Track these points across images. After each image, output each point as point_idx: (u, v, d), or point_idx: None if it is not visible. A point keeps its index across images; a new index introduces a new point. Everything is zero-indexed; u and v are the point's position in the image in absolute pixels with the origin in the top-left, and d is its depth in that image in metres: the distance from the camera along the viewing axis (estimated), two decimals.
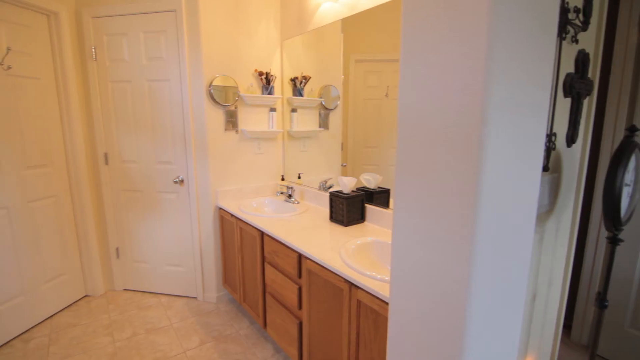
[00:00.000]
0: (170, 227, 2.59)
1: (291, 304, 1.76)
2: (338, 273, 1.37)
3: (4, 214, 2.11)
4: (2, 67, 2.06)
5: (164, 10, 2.28)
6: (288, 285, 1.75)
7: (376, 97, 1.96)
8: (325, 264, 1.43)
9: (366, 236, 1.71)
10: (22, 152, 2.19)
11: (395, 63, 1.84)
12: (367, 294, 1.26)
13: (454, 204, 0.74)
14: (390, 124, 1.90)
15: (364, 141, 2.07)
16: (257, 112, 2.58)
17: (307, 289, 1.61)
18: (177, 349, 2.09)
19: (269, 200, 2.54)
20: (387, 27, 1.82)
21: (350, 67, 2.10)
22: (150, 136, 2.48)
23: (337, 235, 1.76)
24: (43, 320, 2.38)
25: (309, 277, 1.59)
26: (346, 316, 1.38)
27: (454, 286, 0.76)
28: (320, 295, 1.53)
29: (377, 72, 1.95)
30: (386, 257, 1.59)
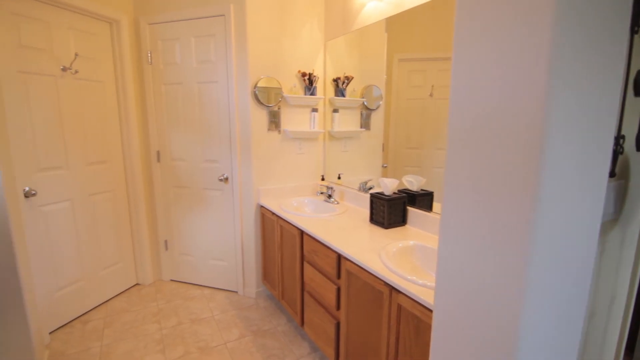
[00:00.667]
0: (214, 222, 2.71)
1: (329, 303, 1.76)
2: (378, 276, 1.36)
3: (68, 206, 2.31)
4: (71, 71, 2.26)
5: (214, 15, 2.38)
6: (327, 285, 1.76)
7: (420, 96, 1.91)
8: (366, 265, 1.42)
9: (408, 239, 1.67)
10: (85, 149, 2.39)
11: (441, 62, 1.78)
12: (409, 299, 1.23)
13: (511, 211, 0.70)
14: (434, 124, 1.84)
15: (406, 142, 2.02)
16: (299, 113, 2.61)
17: (345, 290, 1.61)
18: (218, 340, 2.17)
19: (308, 200, 2.56)
20: (433, 24, 1.77)
21: (393, 67, 2.06)
22: (199, 135, 2.61)
23: (377, 238, 1.73)
24: (99, 304, 2.58)
25: (348, 278, 1.59)
26: (385, 320, 1.36)
27: (506, 299, 0.72)
28: (359, 297, 1.52)
29: (421, 71, 1.90)
30: (429, 262, 1.54)
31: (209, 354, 2.05)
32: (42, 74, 2.10)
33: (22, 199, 2.01)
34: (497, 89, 0.70)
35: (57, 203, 2.23)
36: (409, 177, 1.97)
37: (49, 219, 2.19)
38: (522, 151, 0.66)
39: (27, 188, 2.04)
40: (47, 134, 2.15)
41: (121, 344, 2.14)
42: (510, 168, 0.69)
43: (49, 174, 2.17)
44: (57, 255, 2.25)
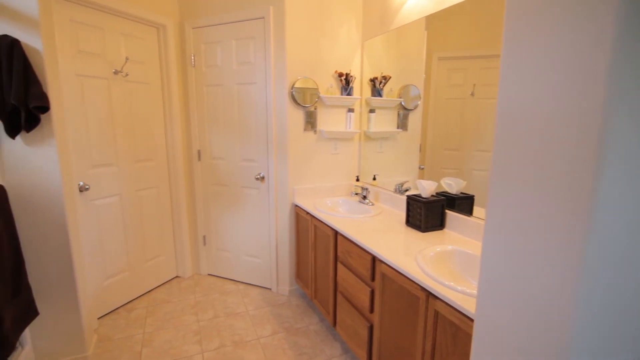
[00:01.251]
0: (250, 220, 2.77)
1: (362, 305, 1.74)
2: (415, 280, 1.32)
3: (117, 200, 2.46)
4: (122, 74, 2.41)
5: (254, 18, 2.44)
6: (360, 287, 1.74)
7: (460, 96, 1.84)
8: (402, 269, 1.39)
9: (446, 244, 1.62)
10: (133, 147, 2.54)
11: (484, 60, 1.70)
12: (447, 305, 1.19)
13: (565, 218, 0.65)
14: (475, 125, 1.77)
15: (445, 143, 1.96)
16: (335, 113, 2.62)
17: (379, 293, 1.59)
18: (252, 335, 2.22)
19: (343, 200, 2.56)
20: (475, 21, 1.70)
21: (432, 66, 2.01)
22: (237, 135, 2.69)
23: (413, 241, 1.70)
24: (142, 294, 2.73)
25: (382, 280, 1.56)
26: (421, 326, 1.32)
27: (557, 311, 0.68)
28: (394, 300, 1.49)
29: (462, 69, 1.83)
30: (468, 268, 1.48)
31: (243, 348, 2.10)
32: (97, 77, 2.26)
33: (77, 193, 2.17)
34: (552, 90, 0.66)
35: (107, 197, 2.39)
36: (448, 180, 1.91)
37: (100, 212, 2.35)
38: (579, 155, 0.62)
39: (81, 183, 2.20)
40: (100, 133, 2.30)
41: (162, 332, 2.25)
42: (566, 173, 0.64)
43: (101, 171, 2.33)
44: (106, 246, 2.41)
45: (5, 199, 1.62)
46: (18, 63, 1.54)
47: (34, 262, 1.79)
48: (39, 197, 1.74)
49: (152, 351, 2.07)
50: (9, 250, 1.60)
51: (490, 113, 1.68)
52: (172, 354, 2.05)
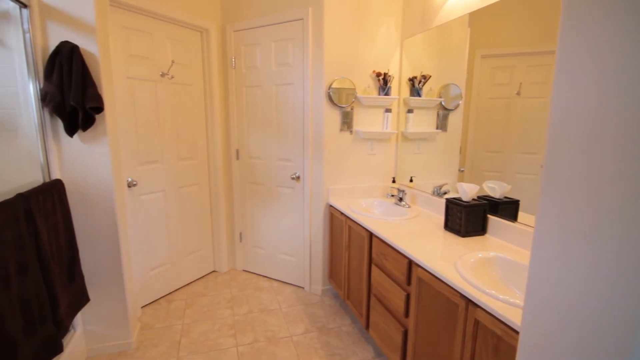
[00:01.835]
0: (285, 219, 2.81)
1: (397, 310, 1.71)
2: (454, 287, 1.28)
3: (161, 196, 2.59)
4: (168, 76, 2.53)
5: (293, 20, 2.47)
6: (395, 291, 1.71)
7: (504, 95, 1.75)
8: (440, 274, 1.35)
9: (487, 250, 1.55)
10: (177, 146, 2.66)
11: (531, 57, 1.61)
12: (488, 314, 1.13)
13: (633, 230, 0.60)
14: (520, 126, 1.67)
15: (487, 145, 1.87)
16: (372, 113, 2.59)
17: (415, 298, 1.55)
18: (284, 332, 2.25)
19: (378, 202, 2.52)
20: (523, 16, 1.61)
21: (475, 64, 1.93)
22: (274, 135, 2.73)
23: (452, 246, 1.64)
24: (182, 286, 2.86)
25: (419, 285, 1.52)
26: (460, 334, 1.27)
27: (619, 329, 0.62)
28: (431, 306, 1.45)
29: (507, 67, 1.74)
30: (512, 276, 1.41)
31: (276, 344, 2.14)
32: (145, 79, 2.39)
33: (125, 188, 2.31)
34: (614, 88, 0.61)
35: (152, 193, 2.52)
36: (490, 183, 1.82)
37: (146, 207, 2.48)
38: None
39: (129, 179, 2.34)
40: (148, 132, 2.44)
41: (199, 324, 2.34)
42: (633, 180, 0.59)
43: (147, 167, 2.46)
44: (151, 239, 2.54)
45: (63, 192, 1.76)
46: (77, 67, 1.67)
47: (87, 252, 1.92)
48: (93, 191, 1.87)
49: (190, 342, 2.16)
50: (66, 239, 1.73)
51: (538, 113, 1.59)
52: (208, 345, 2.12)
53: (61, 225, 1.69)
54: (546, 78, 1.55)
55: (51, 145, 1.76)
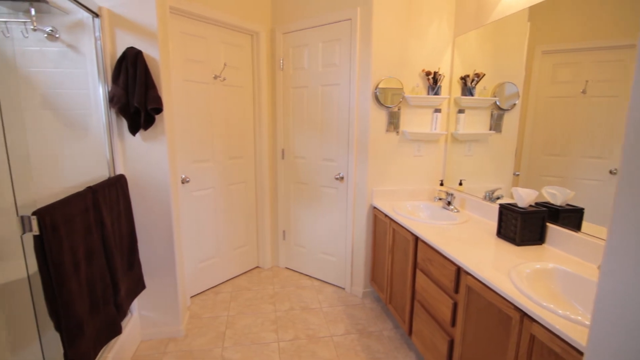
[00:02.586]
0: (327, 218, 2.82)
1: (443, 318, 1.64)
2: (508, 298, 1.20)
3: (211, 193, 2.72)
4: (220, 78, 2.65)
5: (341, 20, 2.47)
6: (441, 298, 1.64)
7: (568, 94, 1.61)
8: (492, 284, 1.27)
9: (545, 261, 1.43)
10: (227, 145, 2.78)
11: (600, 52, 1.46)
12: (546, 330, 1.05)
13: None
14: (585, 127, 1.53)
15: (546, 147, 1.74)
16: (420, 114, 2.51)
17: (463, 307, 1.47)
18: (325, 332, 2.26)
19: (424, 205, 2.44)
20: (591, 8, 1.47)
21: (534, 61, 1.79)
22: (319, 135, 2.75)
23: (505, 254, 1.54)
24: (227, 279, 2.97)
25: (467, 294, 1.45)
26: (513, 349, 1.19)
27: None
28: (481, 317, 1.37)
29: (571, 64, 1.60)
30: (573, 291, 1.29)
31: (316, 343, 2.15)
32: (200, 82, 2.52)
33: (180, 184, 2.45)
34: None
35: (203, 190, 2.65)
36: (551, 189, 1.69)
37: (197, 202, 2.62)
38: None
39: (183, 175, 2.48)
40: (201, 132, 2.57)
41: (243, 317, 2.42)
42: None
43: (199, 165, 2.59)
44: (201, 233, 2.68)
45: (125, 186, 1.91)
46: (140, 71, 1.80)
47: (144, 243, 2.07)
48: (151, 186, 2.01)
49: (234, 333, 2.24)
50: (127, 230, 1.88)
51: (606, 113, 1.44)
52: (251, 338, 2.19)
53: (123, 216, 1.84)
54: (618, 75, 1.40)
55: (116, 143, 1.91)
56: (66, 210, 1.32)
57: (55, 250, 1.23)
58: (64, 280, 1.27)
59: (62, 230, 1.28)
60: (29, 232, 1.18)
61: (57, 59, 1.85)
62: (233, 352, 2.07)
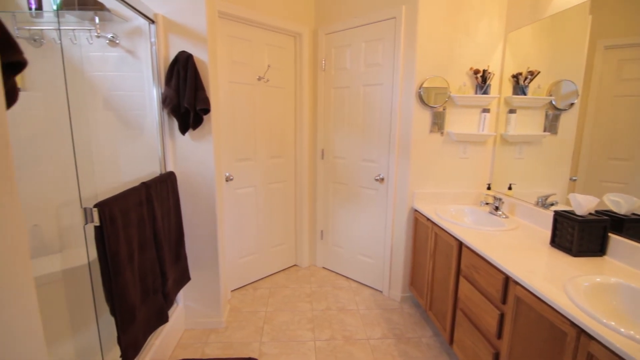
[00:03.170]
0: (366, 220, 2.79)
1: (487, 329, 1.56)
2: (563, 313, 1.11)
3: (252, 191, 2.79)
4: (263, 80, 2.71)
5: (385, 19, 2.43)
6: (487, 308, 1.56)
7: (635, 93, 1.47)
8: (545, 296, 1.19)
9: (606, 275, 1.31)
10: (269, 145, 2.84)
11: None
12: (607, 350, 0.96)
13: None
14: None
15: (609, 151, 1.59)
16: (467, 114, 2.40)
17: (511, 318, 1.39)
18: (361, 334, 2.23)
19: (469, 210, 2.33)
20: None
21: (596, 56, 1.65)
22: (359, 136, 2.73)
23: (559, 265, 1.43)
24: (266, 276, 3.04)
25: (516, 305, 1.36)
26: None
27: None
28: (531, 331, 1.28)
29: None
30: (638, 309, 1.17)
31: (352, 345, 2.13)
32: (244, 83, 2.60)
33: (224, 182, 2.54)
34: None
35: (246, 188, 2.73)
36: (614, 196, 1.54)
37: (240, 200, 2.70)
38: None
39: (227, 174, 2.57)
40: (244, 131, 2.65)
41: (280, 314, 2.46)
42: None
43: (242, 164, 2.68)
44: (242, 229, 2.76)
45: (175, 182, 2.02)
46: (191, 73, 1.89)
47: (190, 237, 2.17)
48: (198, 183, 2.11)
49: (272, 329, 2.28)
50: (175, 224, 1.98)
51: None
52: (288, 335, 2.22)
53: (172, 211, 1.94)
54: None
55: (167, 141, 2.03)
56: (123, 203, 1.42)
57: (112, 241, 1.33)
58: (120, 268, 1.37)
59: (119, 222, 1.37)
60: (90, 222, 1.29)
61: (117, 63, 1.99)
62: (271, 347, 2.11)
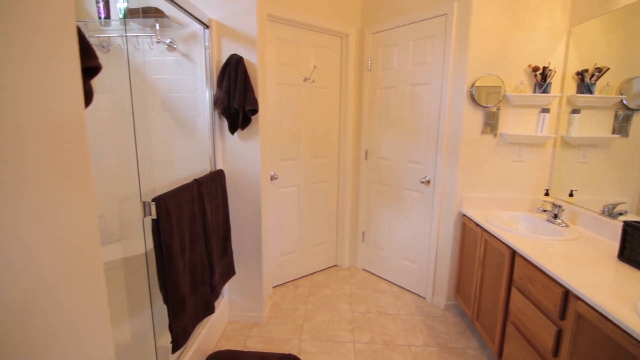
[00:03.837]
0: (410, 223, 2.72)
1: (543, 345, 1.45)
2: (632, 333, 1.00)
3: (295, 190, 2.84)
4: (309, 80, 2.74)
5: (435, 16, 2.35)
6: (542, 323, 1.45)
7: None
8: (612, 315, 1.08)
9: None
10: (312, 145, 2.87)
11: None
12: None
13: None
14: None
15: None
16: (524, 114, 2.25)
17: (570, 336, 1.28)
18: (402, 340, 2.18)
19: (524, 217, 2.19)
20: None
21: None
22: (405, 136, 2.67)
23: (629, 281, 1.29)
24: (306, 275, 3.07)
25: (577, 322, 1.25)
26: None
27: None
28: (593, 351, 1.17)
29: None
30: None
31: (393, 350, 2.09)
32: (291, 84, 2.65)
33: (269, 181, 2.61)
34: None
35: (289, 187, 2.78)
36: None
37: (283, 199, 2.76)
38: None
39: (272, 173, 2.64)
40: (289, 132, 2.70)
41: (320, 313, 2.48)
42: None
43: (287, 164, 2.73)
44: (285, 228, 2.81)
45: (223, 180, 2.10)
46: (241, 75, 1.96)
47: (235, 232, 2.25)
48: (244, 181, 2.18)
49: (312, 327, 2.30)
50: (223, 219, 2.07)
51: None
52: (328, 335, 2.22)
53: (220, 207, 2.03)
54: None
55: (218, 141, 2.12)
56: (177, 198, 1.51)
57: (167, 233, 1.41)
58: (173, 259, 1.45)
59: (173, 216, 1.46)
60: (148, 215, 1.38)
61: (174, 66, 2.12)
62: (310, 345, 2.13)
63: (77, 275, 0.79)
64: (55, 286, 0.73)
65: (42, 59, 0.69)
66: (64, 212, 0.75)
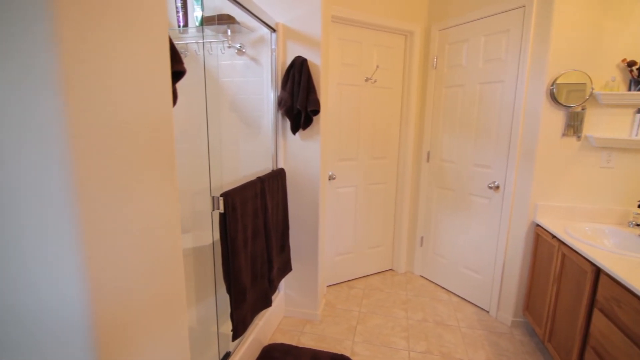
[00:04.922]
0: (475, 231, 2.56)
1: None
2: None
3: (353, 190, 2.83)
4: (371, 80, 2.71)
5: (511, 9, 2.18)
6: (631, 352, 1.27)
7: None
8: None
9: None
10: (372, 146, 2.83)
11: None
12: None
13: None
14: None
15: None
16: (615, 114, 1.99)
17: None
18: (462, 354, 2.06)
19: (611, 230, 1.93)
20: None
21: None
22: (472, 138, 2.52)
23: None
24: (361, 276, 3.04)
25: None
26: None
27: None
28: None
29: None
30: None
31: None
32: (352, 85, 2.64)
33: (327, 181, 2.63)
34: None
35: (347, 187, 2.78)
36: None
37: (340, 199, 2.76)
38: None
39: (330, 172, 2.66)
40: (348, 132, 2.70)
41: (373, 316, 2.44)
42: None
43: (345, 164, 2.73)
44: (341, 228, 2.82)
45: (284, 178, 2.17)
46: (304, 76, 2.01)
47: (293, 230, 2.31)
48: (304, 180, 2.23)
49: (365, 330, 2.28)
50: (282, 216, 2.13)
51: None
52: (381, 340, 2.18)
53: (280, 204, 2.09)
54: None
55: (280, 141, 2.19)
56: (243, 194, 1.59)
57: (232, 227, 1.50)
58: (236, 252, 1.53)
59: (238, 211, 1.54)
60: (216, 209, 1.47)
61: (243, 69, 2.24)
62: (363, 348, 2.11)
63: (165, 259, 0.88)
64: (151, 265, 0.82)
65: (144, 64, 0.77)
66: (157, 202, 0.83)
